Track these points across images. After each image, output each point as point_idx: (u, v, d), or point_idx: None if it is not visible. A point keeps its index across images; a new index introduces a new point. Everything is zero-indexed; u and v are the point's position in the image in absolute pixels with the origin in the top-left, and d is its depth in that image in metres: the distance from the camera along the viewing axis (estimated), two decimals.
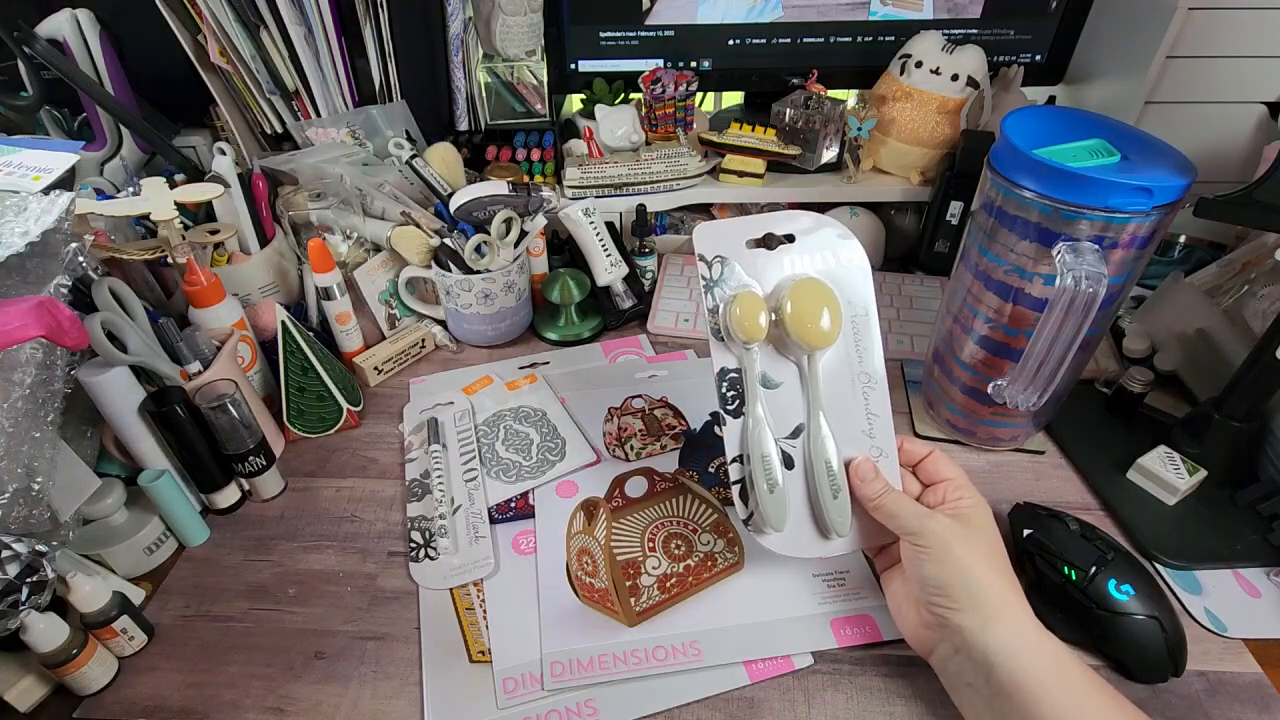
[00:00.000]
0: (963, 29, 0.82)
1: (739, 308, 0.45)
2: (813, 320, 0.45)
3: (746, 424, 0.46)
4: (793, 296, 0.46)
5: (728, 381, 0.47)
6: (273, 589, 0.54)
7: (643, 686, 0.47)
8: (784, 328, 0.46)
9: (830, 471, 0.46)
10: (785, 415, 0.47)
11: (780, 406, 0.47)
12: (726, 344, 0.47)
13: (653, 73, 0.82)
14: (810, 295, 0.46)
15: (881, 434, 0.48)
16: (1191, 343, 0.67)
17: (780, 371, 0.47)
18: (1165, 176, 0.47)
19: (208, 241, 0.62)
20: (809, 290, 0.46)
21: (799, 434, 0.47)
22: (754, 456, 0.46)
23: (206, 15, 0.71)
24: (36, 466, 0.46)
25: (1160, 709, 0.46)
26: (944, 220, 0.80)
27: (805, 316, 0.45)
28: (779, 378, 0.47)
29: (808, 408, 0.47)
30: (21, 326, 0.40)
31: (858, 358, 0.48)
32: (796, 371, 0.47)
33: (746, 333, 0.45)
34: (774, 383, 0.47)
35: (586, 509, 0.55)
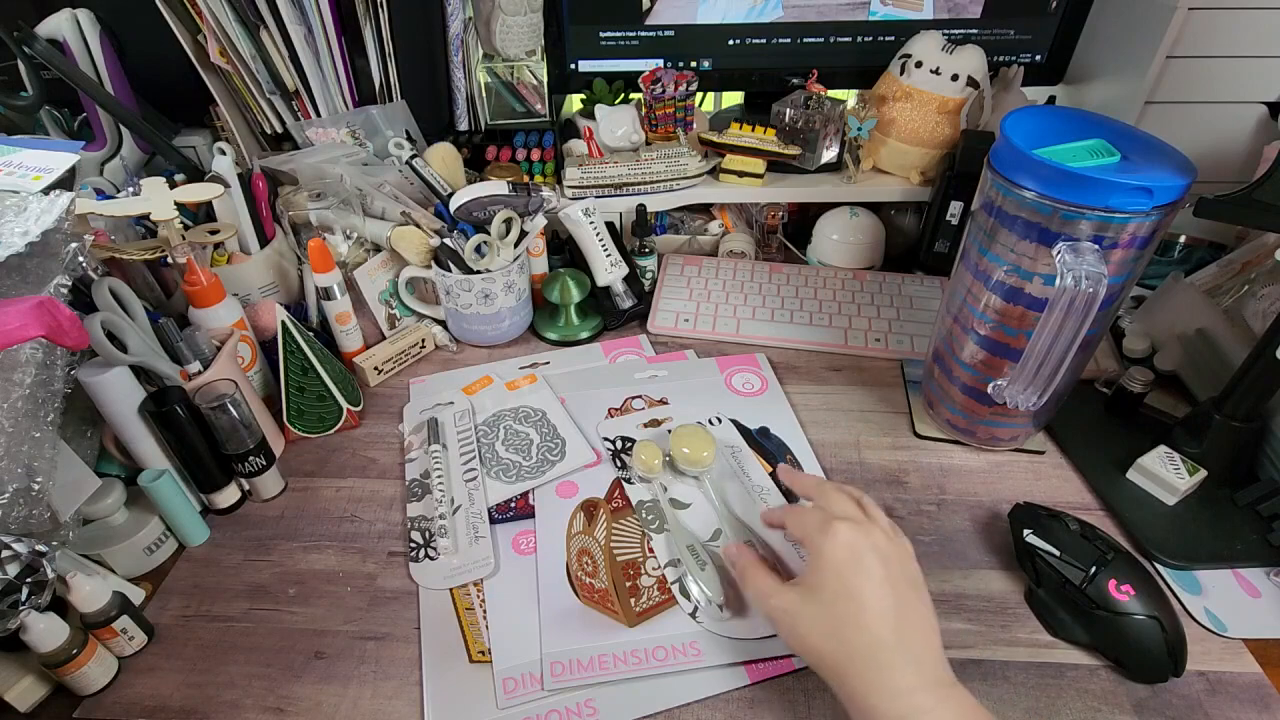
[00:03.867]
0: (963, 29, 0.82)
1: (641, 455, 0.59)
2: (693, 451, 0.58)
3: (669, 534, 0.55)
4: (674, 440, 0.59)
5: (645, 510, 0.57)
6: (273, 589, 0.54)
7: (643, 686, 0.47)
8: (678, 461, 0.59)
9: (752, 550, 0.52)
10: (702, 525, 0.56)
11: (695, 520, 0.57)
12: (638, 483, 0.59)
13: (653, 73, 0.82)
14: (686, 438, 0.59)
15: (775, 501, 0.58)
16: (1191, 343, 0.67)
17: (686, 494, 0.59)
18: (1165, 176, 0.47)
19: (208, 241, 0.62)
20: (685, 434, 0.60)
21: (718, 538, 0.55)
22: (681, 550, 0.54)
23: (206, 15, 0.71)
24: (36, 466, 0.46)
25: (1160, 709, 0.46)
26: (944, 220, 0.79)
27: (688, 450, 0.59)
28: (686, 499, 0.58)
29: (718, 512, 0.57)
30: (21, 326, 0.40)
31: (745, 474, 0.60)
32: (698, 490, 0.59)
33: (647, 468, 0.58)
34: (683, 504, 0.58)
35: (587, 509, 0.55)
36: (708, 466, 0.58)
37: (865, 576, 0.41)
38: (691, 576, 0.52)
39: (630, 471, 0.60)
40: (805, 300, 0.80)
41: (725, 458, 0.61)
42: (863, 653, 0.39)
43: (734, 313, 0.78)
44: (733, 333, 0.77)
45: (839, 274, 0.83)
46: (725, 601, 0.50)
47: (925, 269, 0.84)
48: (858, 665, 0.39)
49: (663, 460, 0.59)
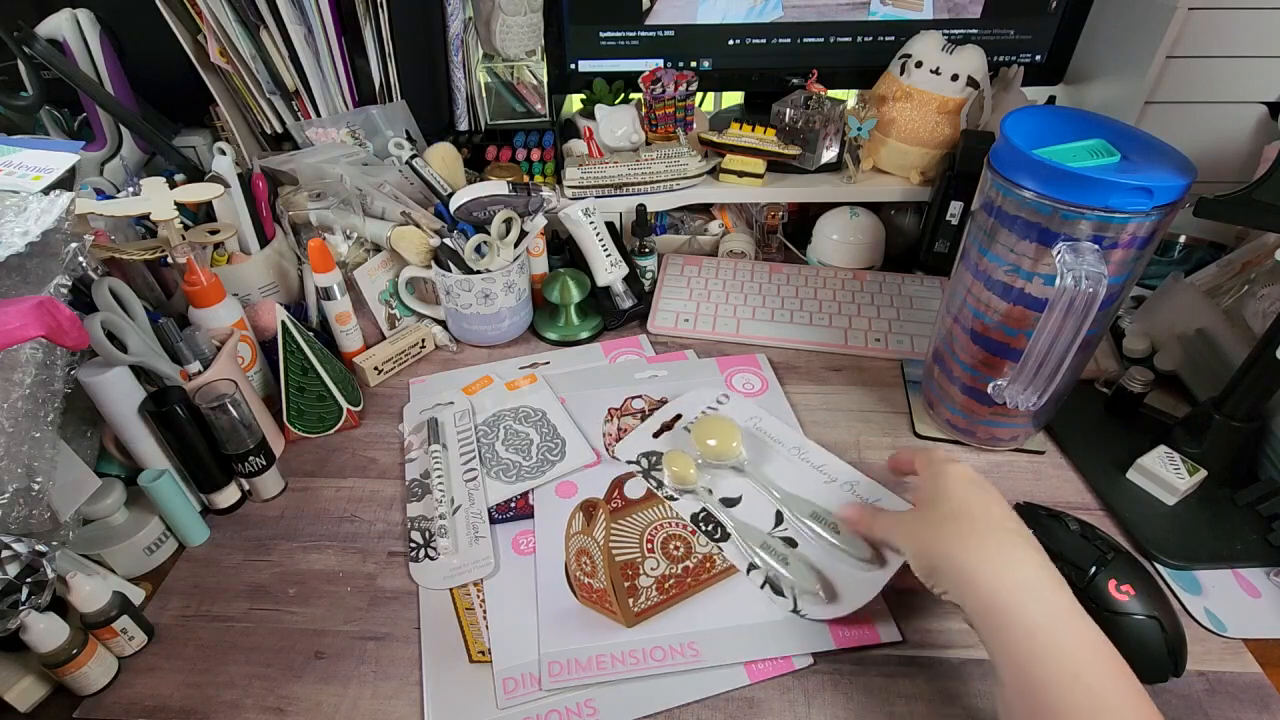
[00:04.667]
0: (963, 29, 0.82)
1: (671, 468, 0.57)
2: (719, 443, 0.58)
3: (735, 538, 0.54)
4: (697, 440, 0.58)
5: (701, 521, 0.56)
6: (273, 589, 0.54)
7: (643, 686, 0.47)
8: (709, 459, 0.58)
9: (820, 520, 0.53)
10: (762, 514, 0.56)
11: (753, 510, 0.56)
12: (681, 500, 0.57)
13: (653, 73, 0.82)
14: (707, 432, 0.58)
15: (840, 472, 0.57)
16: (1191, 343, 0.67)
17: (733, 488, 0.58)
18: (1165, 176, 0.47)
19: (208, 241, 0.62)
20: (704, 430, 0.59)
21: (781, 519, 0.55)
22: (755, 547, 0.53)
23: (206, 15, 0.71)
24: (36, 466, 0.46)
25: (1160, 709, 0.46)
26: (944, 220, 0.79)
27: (714, 445, 0.58)
28: (734, 492, 0.57)
29: (771, 496, 0.56)
30: (21, 326, 0.40)
31: (781, 444, 0.59)
32: (743, 480, 0.58)
33: (683, 480, 0.57)
34: (735, 499, 0.57)
35: (586, 509, 0.55)
36: (740, 455, 0.57)
37: (984, 491, 0.46)
38: (780, 576, 0.51)
39: (669, 488, 0.58)
40: (805, 300, 0.80)
41: (751, 436, 0.60)
42: (989, 543, 0.42)
43: (734, 313, 0.78)
44: (733, 333, 0.77)
45: (839, 274, 0.83)
46: (821, 587, 0.50)
47: (925, 269, 0.84)
48: (985, 555, 0.41)
49: (695, 465, 0.57)
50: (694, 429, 0.59)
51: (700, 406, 0.63)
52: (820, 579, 0.51)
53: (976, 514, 0.44)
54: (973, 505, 0.45)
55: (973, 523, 0.44)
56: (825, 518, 0.53)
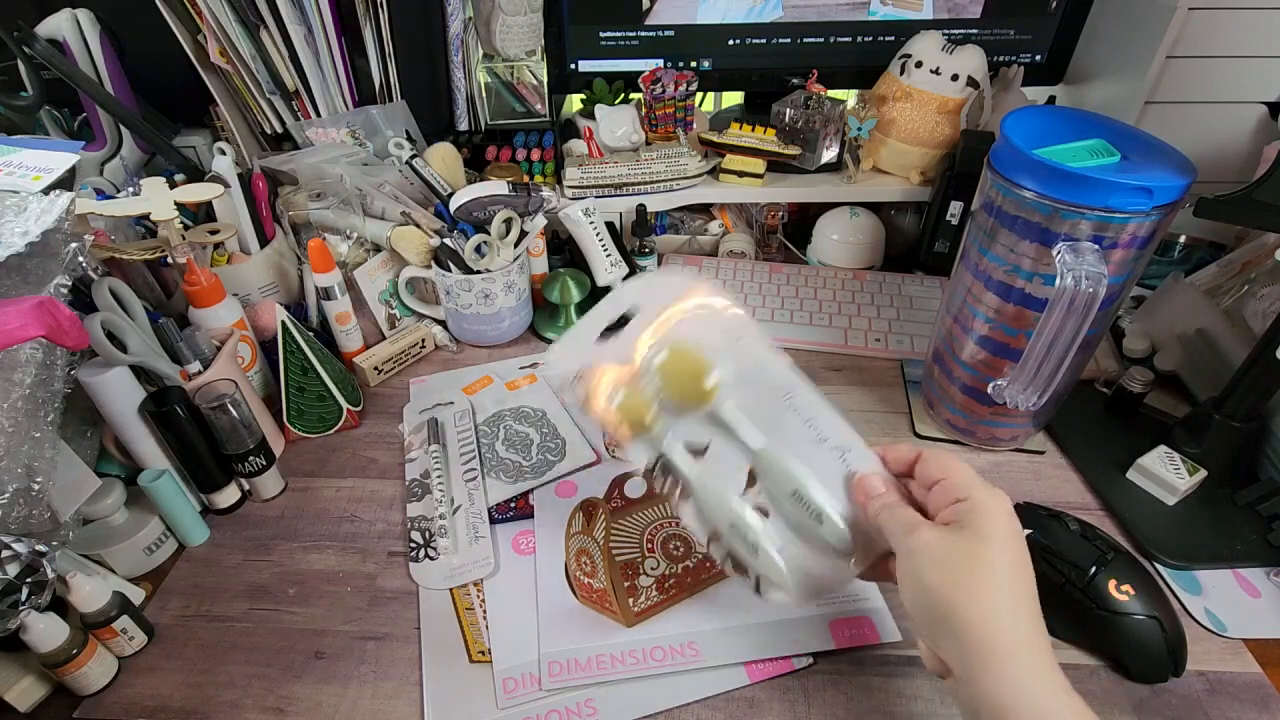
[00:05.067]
0: (963, 29, 0.82)
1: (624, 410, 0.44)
2: (692, 385, 0.43)
3: (697, 499, 0.43)
4: (662, 375, 0.44)
5: (658, 472, 0.44)
6: (273, 589, 0.54)
7: (643, 686, 0.47)
8: (672, 403, 0.44)
9: (799, 499, 0.42)
10: (731, 470, 0.43)
11: (720, 464, 0.43)
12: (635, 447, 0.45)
13: (653, 73, 0.82)
14: (675, 367, 0.44)
15: (832, 431, 0.43)
16: (1191, 343, 0.67)
17: (698, 434, 0.44)
18: (1165, 176, 0.47)
19: (208, 241, 0.62)
20: (673, 363, 0.44)
21: (754, 479, 0.43)
22: (723, 528, 0.43)
23: (206, 15, 0.71)
24: (36, 466, 0.46)
25: (1160, 709, 0.46)
26: (944, 220, 0.79)
27: (684, 386, 0.43)
28: (701, 439, 0.44)
29: (741, 455, 0.43)
30: (21, 326, 0.40)
31: (784, 395, 0.44)
32: (712, 425, 0.44)
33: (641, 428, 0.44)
34: (699, 446, 0.44)
35: (586, 509, 0.55)
36: (716, 398, 0.44)
37: (1019, 543, 0.37)
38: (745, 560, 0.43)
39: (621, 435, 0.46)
40: (805, 300, 0.80)
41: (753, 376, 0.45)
42: (1018, 615, 0.35)
43: None
44: None
45: (839, 274, 0.83)
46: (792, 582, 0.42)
47: (925, 269, 0.84)
48: (1008, 637, 0.34)
49: (655, 411, 0.44)
50: (663, 367, 0.44)
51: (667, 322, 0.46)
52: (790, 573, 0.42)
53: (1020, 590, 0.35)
54: (1019, 572, 0.36)
55: (1015, 598, 0.35)
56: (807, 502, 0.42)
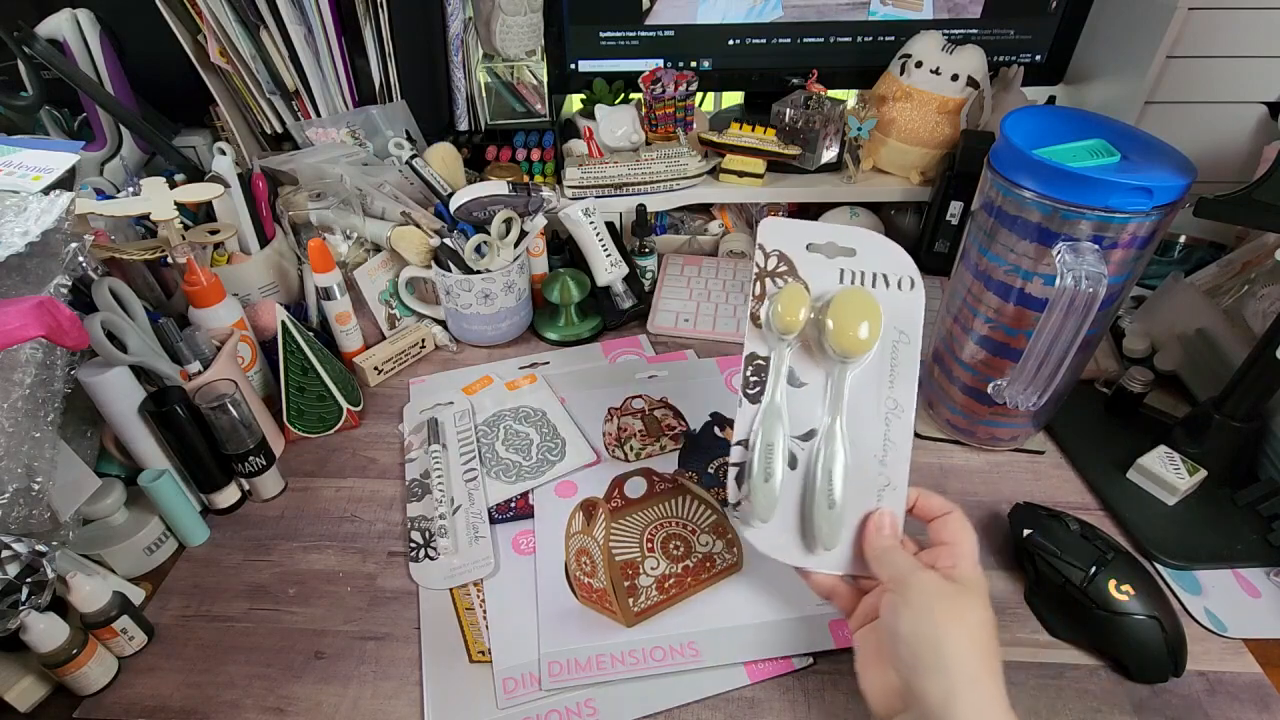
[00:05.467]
0: (963, 29, 0.82)
1: (783, 299, 0.44)
2: (852, 328, 0.44)
3: (761, 410, 0.45)
4: (837, 301, 0.44)
5: (753, 367, 0.46)
6: (273, 589, 0.54)
7: (643, 686, 0.47)
8: (822, 329, 0.44)
9: (830, 481, 0.44)
10: (802, 417, 0.45)
11: (799, 407, 0.45)
12: (763, 332, 0.46)
13: (653, 73, 0.82)
14: (854, 304, 0.44)
15: (894, 464, 0.44)
16: (1191, 343, 0.67)
17: (808, 373, 0.46)
18: (1165, 176, 0.47)
19: (208, 241, 0.62)
20: (855, 299, 0.44)
21: (810, 437, 0.45)
22: (759, 442, 0.45)
23: (206, 15, 0.71)
24: (36, 466, 0.46)
25: (1160, 709, 0.46)
26: (944, 220, 0.79)
27: (845, 323, 0.44)
28: (805, 378, 0.46)
29: (826, 415, 0.45)
30: (21, 326, 0.40)
31: (889, 382, 0.45)
32: (824, 378, 0.45)
33: (784, 323, 0.44)
34: (799, 381, 0.46)
35: (586, 509, 0.55)
36: (858, 357, 0.44)
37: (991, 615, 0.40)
38: (750, 482, 0.44)
39: (762, 311, 0.46)
40: None
41: (885, 351, 0.45)
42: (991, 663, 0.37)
43: (734, 313, 0.78)
44: (733, 332, 0.77)
45: None
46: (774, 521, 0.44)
47: (925, 269, 0.84)
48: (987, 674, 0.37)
49: (808, 317, 0.45)
50: (842, 297, 0.45)
51: (875, 268, 0.46)
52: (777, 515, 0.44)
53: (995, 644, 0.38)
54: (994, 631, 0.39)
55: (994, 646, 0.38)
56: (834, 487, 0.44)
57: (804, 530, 0.44)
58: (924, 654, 0.37)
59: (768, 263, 0.47)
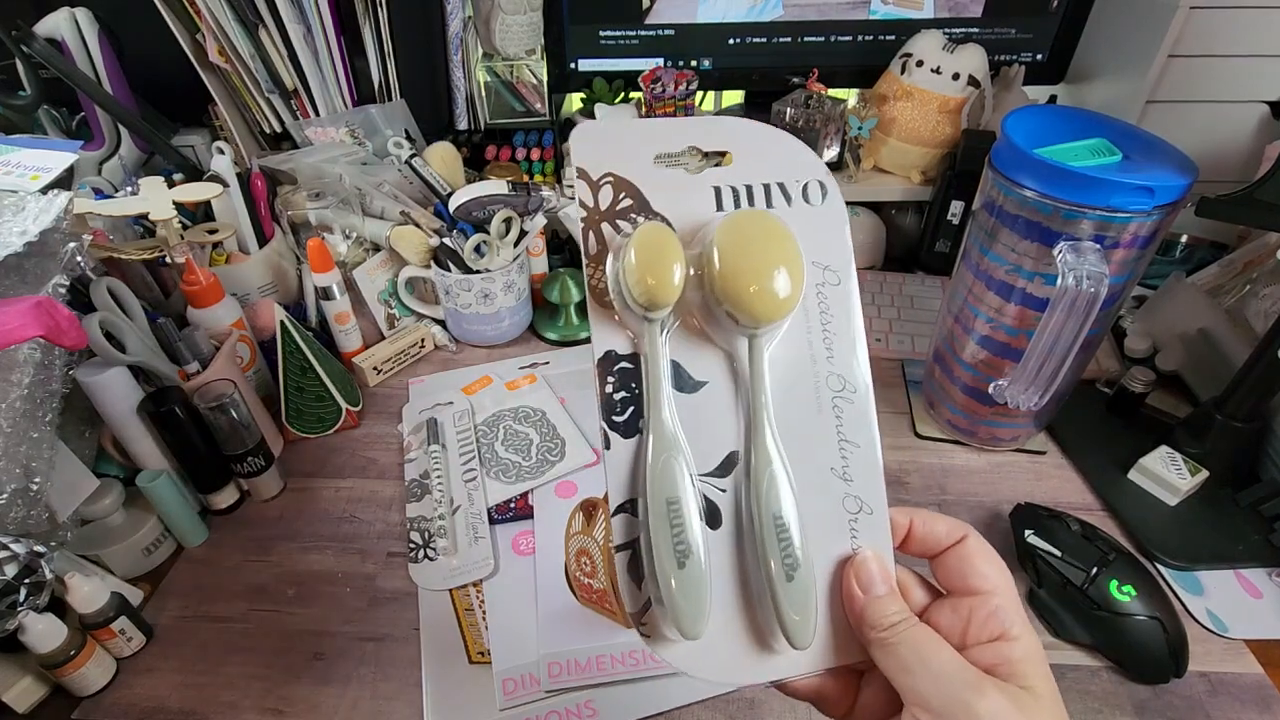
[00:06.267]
0: (964, 28, 0.82)
1: (639, 250, 0.27)
2: (757, 276, 0.27)
3: (643, 446, 0.27)
4: (724, 236, 0.27)
5: (616, 375, 0.28)
6: (272, 590, 0.54)
7: (642, 687, 0.47)
8: (710, 286, 0.27)
9: (782, 532, 0.27)
10: (709, 437, 0.28)
11: (701, 423, 0.28)
12: (616, 316, 0.29)
13: (653, 72, 0.82)
14: (752, 235, 0.27)
15: (862, 476, 0.29)
16: (1193, 343, 0.67)
17: (702, 365, 0.29)
18: (1167, 176, 0.47)
19: (206, 241, 0.62)
20: (751, 227, 0.28)
21: (729, 469, 0.28)
22: (654, 503, 0.26)
23: (205, 14, 0.71)
24: (34, 467, 0.46)
25: (1162, 710, 0.46)
26: (945, 220, 0.79)
27: (744, 269, 0.27)
28: (700, 374, 0.28)
29: (745, 425, 0.28)
30: (20, 326, 0.40)
31: (825, 350, 0.29)
32: (727, 366, 0.29)
33: (649, 292, 0.26)
34: (692, 382, 0.28)
35: (585, 509, 0.54)
36: (778, 316, 0.27)
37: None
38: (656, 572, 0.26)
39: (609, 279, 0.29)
40: None
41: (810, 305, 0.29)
42: None
43: None
44: None
45: None
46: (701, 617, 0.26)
47: (926, 269, 0.84)
48: None
49: (684, 275, 0.27)
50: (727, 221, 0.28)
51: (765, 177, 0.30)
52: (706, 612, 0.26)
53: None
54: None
55: None
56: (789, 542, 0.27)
57: (753, 619, 0.27)
58: None
59: (598, 197, 0.30)
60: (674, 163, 0.30)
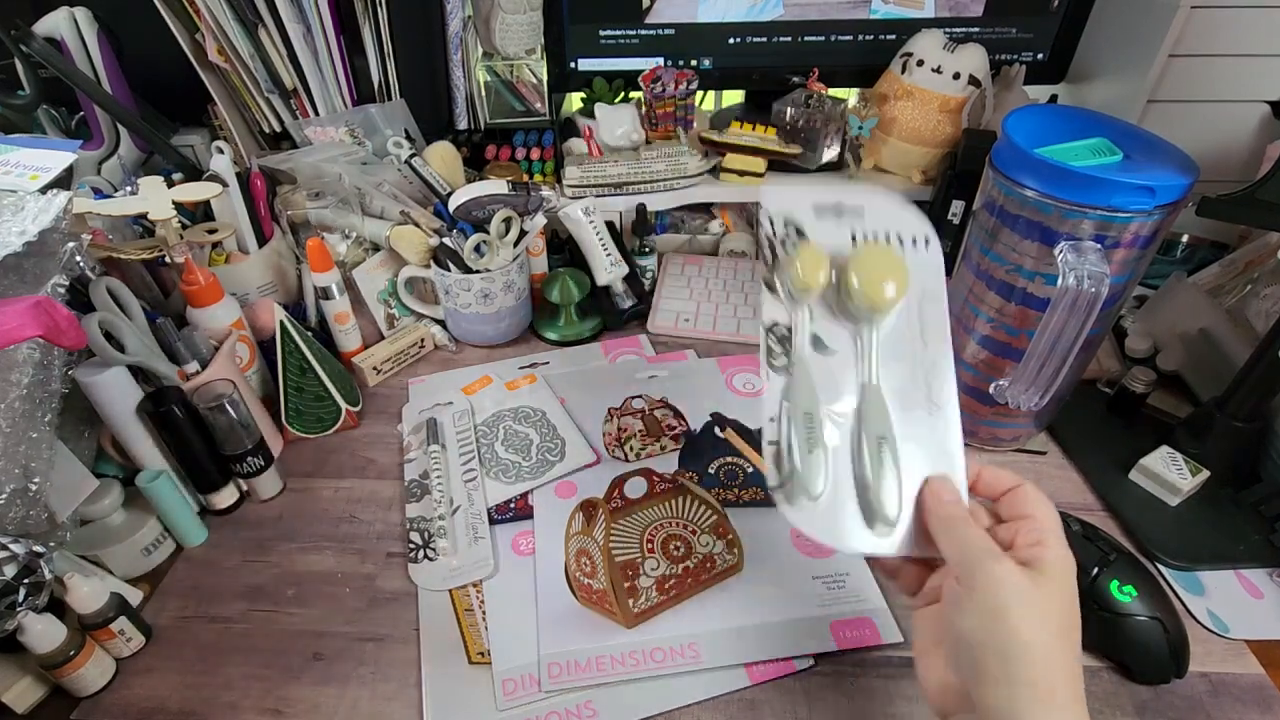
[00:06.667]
0: (964, 27, 0.81)
1: (802, 258, 0.42)
2: (876, 280, 0.41)
3: (792, 378, 0.41)
4: (856, 257, 0.42)
5: (775, 337, 0.43)
6: (271, 590, 0.54)
7: (642, 688, 0.47)
8: (844, 286, 0.42)
9: (882, 445, 0.39)
10: (836, 385, 0.41)
11: (831, 375, 0.41)
12: (779, 299, 0.43)
13: (653, 71, 0.82)
14: (875, 258, 0.42)
15: (943, 428, 0.41)
16: (1194, 342, 0.67)
17: (834, 338, 0.42)
18: (1167, 175, 0.47)
19: (206, 241, 0.62)
20: (875, 254, 0.43)
21: (849, 405, 0.41)
22: (797, 413, 0.40)
23: (204, 13, 0.71)
24: (34, 467, 0.46)
25: (1162, 710, 0.46)
26: (946, 220, 0.79)
27: (869, 275, 0.42)
28: (832, 344, 0.42)
29: (862, 377, 0.41)
30: (19, 326, 0.40)
31: (922, 341, 0.42)
32: (851, 341, 0.42)
33: (804, 283, 0.42)
34: (827, 348, 0.42)
35: (585, 510, 0.54)
36: (884, 312, 0.42)
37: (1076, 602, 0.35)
38: (793, 452, 0.40)
39: (779, 274, 0.43)
40: None
41: (912, 310, 0.43)
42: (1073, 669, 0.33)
43: (734, 313, 0.78)
44: (733, 333, 0.76)
45: None
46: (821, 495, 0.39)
47: None
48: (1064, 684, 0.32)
49: (828, 277, 0.42)
50: (863, 252, 0.43)
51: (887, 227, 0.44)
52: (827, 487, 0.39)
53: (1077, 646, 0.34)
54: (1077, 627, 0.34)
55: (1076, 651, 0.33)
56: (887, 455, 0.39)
57: (860, 507, 0.39)
58: (989, 663, 0.32)
59: (775, 228, 0.44)
60: (826, 212, 0.44)
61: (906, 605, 0.40)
